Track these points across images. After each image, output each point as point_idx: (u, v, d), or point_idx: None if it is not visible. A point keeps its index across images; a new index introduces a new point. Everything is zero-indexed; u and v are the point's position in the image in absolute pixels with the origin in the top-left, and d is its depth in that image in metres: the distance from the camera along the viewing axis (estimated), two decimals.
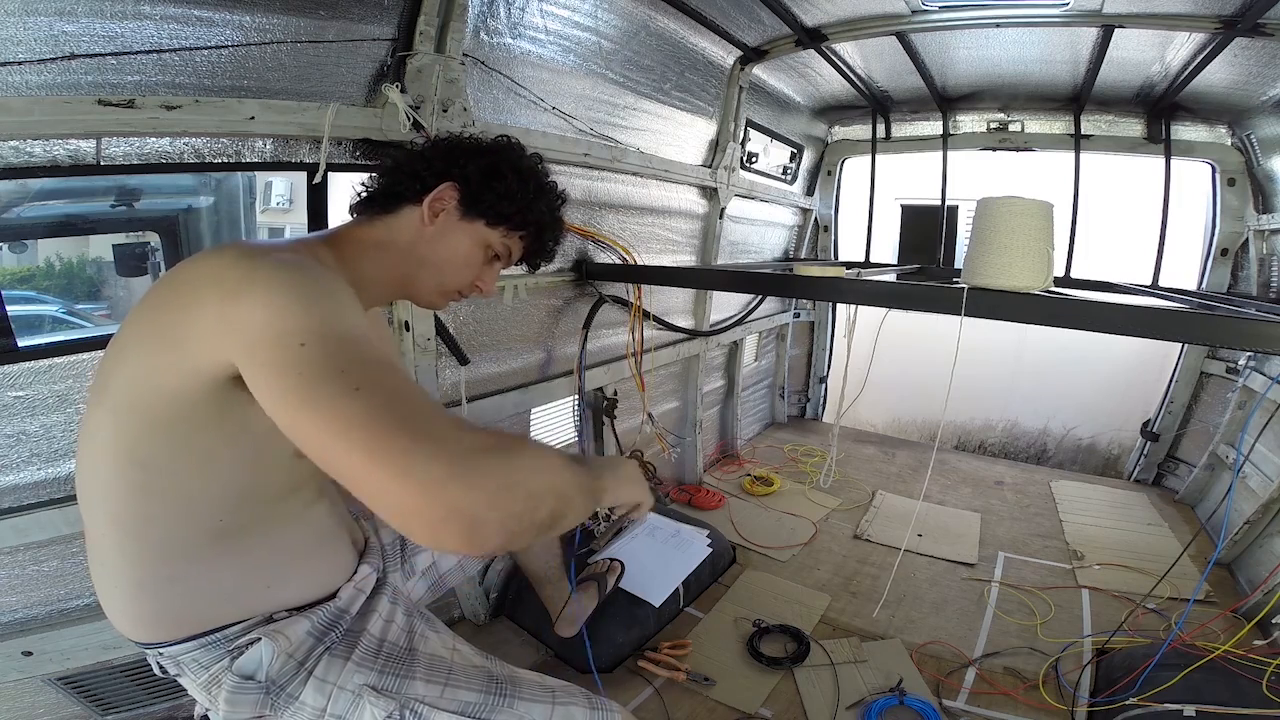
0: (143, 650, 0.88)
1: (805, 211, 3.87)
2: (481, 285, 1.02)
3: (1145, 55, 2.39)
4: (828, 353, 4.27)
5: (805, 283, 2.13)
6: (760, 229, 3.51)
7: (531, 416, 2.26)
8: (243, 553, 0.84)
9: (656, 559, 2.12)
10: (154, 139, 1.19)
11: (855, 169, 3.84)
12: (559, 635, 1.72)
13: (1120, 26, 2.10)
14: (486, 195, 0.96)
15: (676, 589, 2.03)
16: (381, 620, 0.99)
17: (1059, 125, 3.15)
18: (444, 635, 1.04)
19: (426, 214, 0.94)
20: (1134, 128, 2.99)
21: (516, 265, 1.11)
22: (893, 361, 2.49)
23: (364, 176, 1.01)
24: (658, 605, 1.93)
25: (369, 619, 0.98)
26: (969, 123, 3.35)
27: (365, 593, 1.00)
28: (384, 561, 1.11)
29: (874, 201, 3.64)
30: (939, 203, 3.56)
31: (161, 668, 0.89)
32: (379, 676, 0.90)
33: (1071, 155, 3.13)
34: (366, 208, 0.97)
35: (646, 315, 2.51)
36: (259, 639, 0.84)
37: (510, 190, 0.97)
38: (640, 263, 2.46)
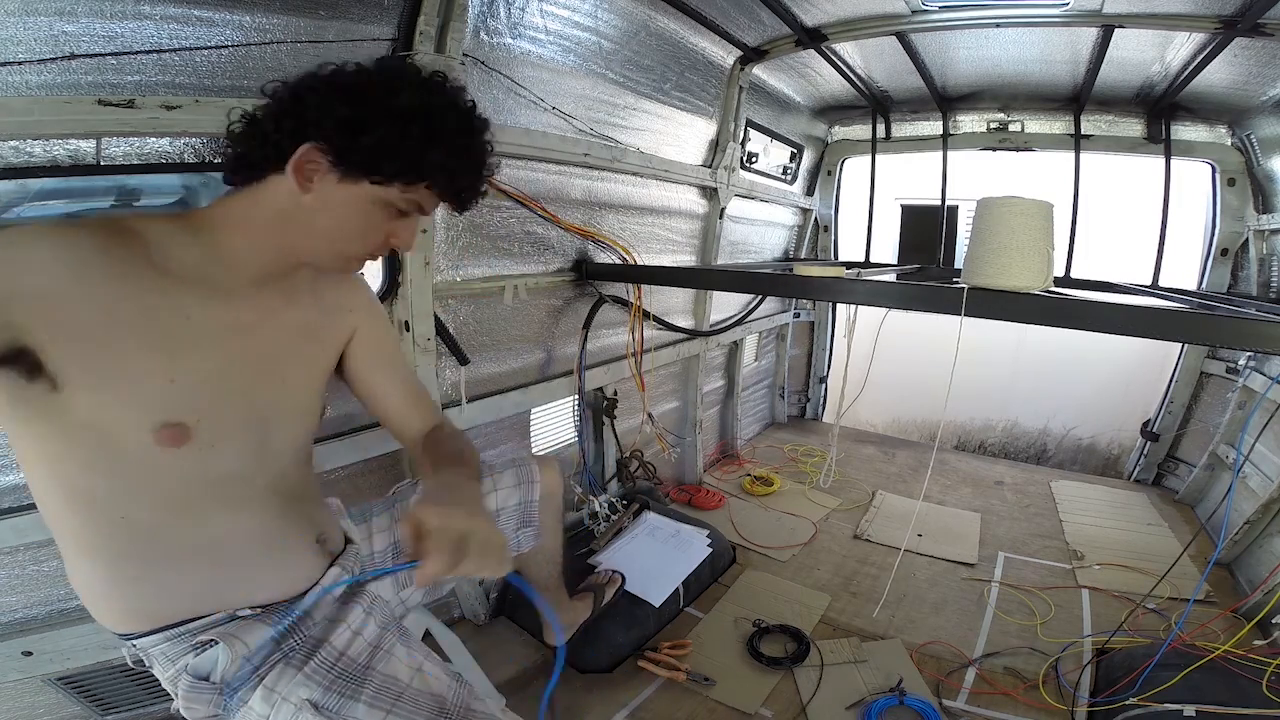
0: (120, 642, 0.89)
1: (805, 211, 3.87)
2: (396, 242, 0.86)
3: (1145, 55, 2.39)
4: (828, 353, 4.27)
5: (805, 283, 2.13)
6: (760, 229, 3.51)
7: (531, 416, 2.26)
8: (181, 551, 0.83)
9: (656, 559, 2.12)
10: (154, 139, 1.19)
11: (855, 169, 3.84)
12: (548, 643, 1.73)
13: (1120, 26, 2.10)
14: (357, 154, 0.76)
15: (676, 589, 2.03)
16: (349, 632, 0.96)
17: (1059, 125, 3.15)
18: (414, 655, 0.99)
19: (300, 181, 0.77)
20: (1134, 128, 2.99)
21: (444, 210, 1.00)
22: (893, 361, 2.49)
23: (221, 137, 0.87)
24: (658, 605, 1.93)
25: (335, 629, 0.95)
26: (969, 123, 3.35)
27: (335, 596, 0.98)
28: (363, 567, 1.09)
29: (874, 201, 3.64)
30: (939, 203, 3.56)
31: (134, 659, 0.90)
32: (324, 693, 0.87)
33: (1071, 155, 3.13)
34: (231, 175, 0.82)
35: (646, 315, 2.51)
36: (216, 641, 0.84)
37: (388, 141, 0.76)
38: (640, 263, 2.46)
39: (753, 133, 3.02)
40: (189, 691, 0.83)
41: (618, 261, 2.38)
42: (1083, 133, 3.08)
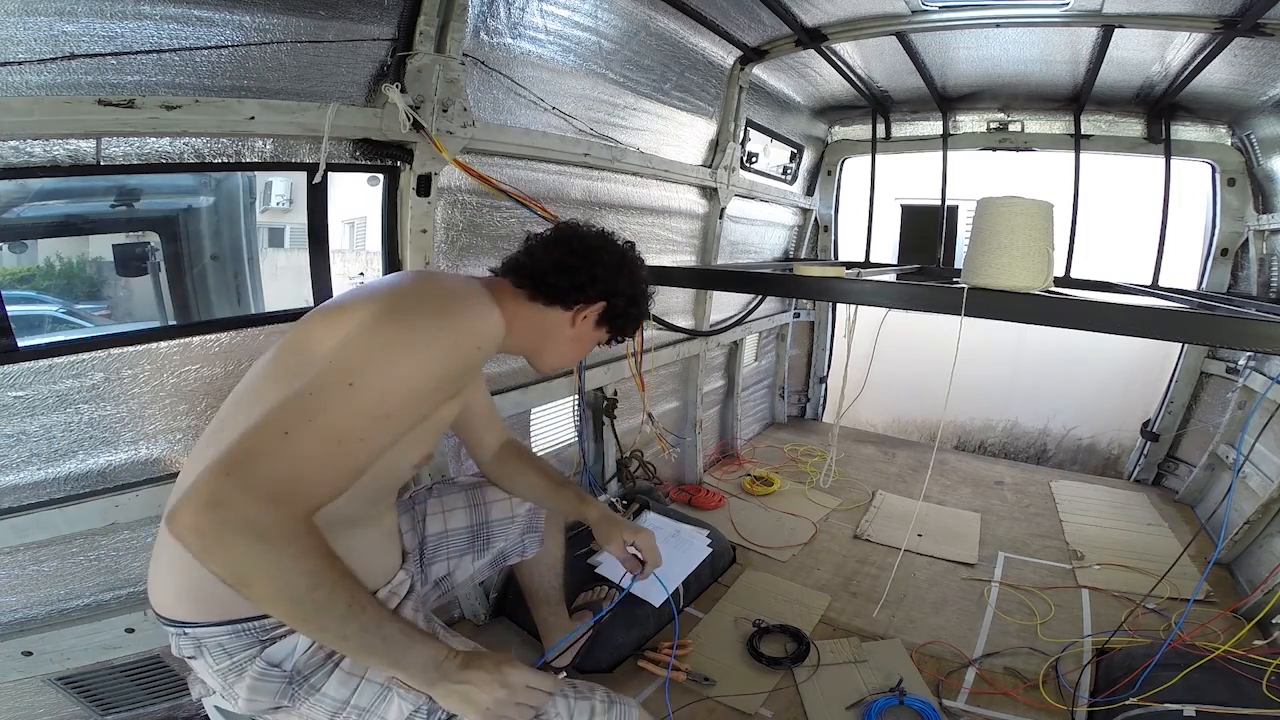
0: (168, 629, 0.90)
1: (805, 211, 3.87)
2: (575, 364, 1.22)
3: (1145, 55, 2.38)
4: (828, 353, 4.27)
5: (805, 283, 2.13)
6: (760, 229, 3.51)
7: (531, 416, 2.26)
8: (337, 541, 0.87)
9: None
10: (154, 139, 1.19)
11: (855, 169, 3.84)
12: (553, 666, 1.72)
13: (1120, 26, 2.09)
14: (622, 318, 1.16)
15: (676, 589, 2.02)
16: (408, 619, 1.00)
17: (1059, 125, 3.14)
18: (457, 640, 1.07)
19: (575, 319, 1.10)
20: (1134, 128, 2.99)
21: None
22: (893, 361, 2.49)
23: (531, 240, 1.14)
24: (657, 606, 1.93)
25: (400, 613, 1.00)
26: (969, 123, 3.35)
27: (400, 596, 1.03)
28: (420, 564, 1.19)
29: (874, 201, 3.64)
30: (939, 203, 3.56)
31: (179, 648, 0.90)
32: None
33: (1071, 155, 3.13)
34: (527, 285, 1.07)
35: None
36: (294, 630, 0.87)
37: (640, 313, 1.19)
38: None
39: (753, 133, 3.02)
40: (257, 680, 0.85)
41: None
42: (1083, 133, 3.08)
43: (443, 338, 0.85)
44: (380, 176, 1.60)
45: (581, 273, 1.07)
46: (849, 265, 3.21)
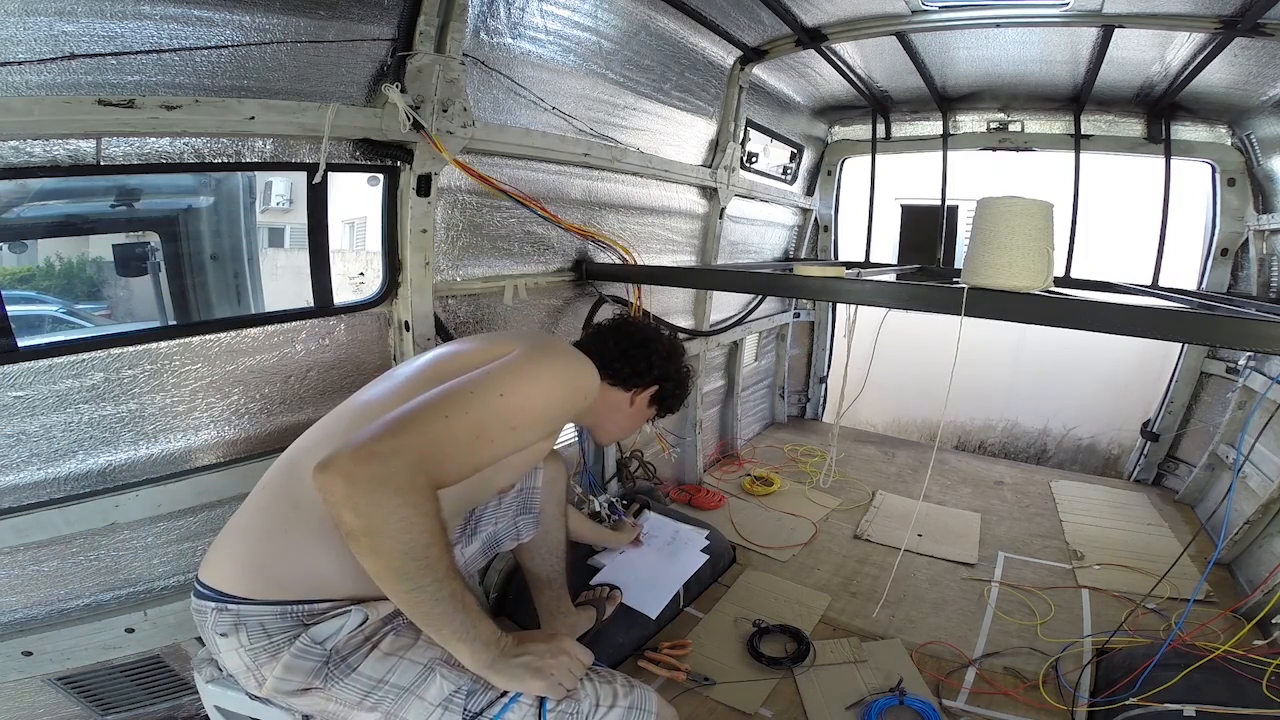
0: (206, 603, 0.91)
1: (805, 211, 3.87)
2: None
3: (1145, 55, 2.38)
4: (828, 353, 4.27)
5: (805, 283, 2.13)
6: (760, 229, 3.51)
7: None
8: None
9: (653, 567, 2.10)
10: (154, 139, 1.19)
11: (855, 169, 3.84)
12: None
13: (1120, 26, 2.09)
14: (670, 399, 1.38)
15: (676, 591, 2.02)
16: None
17: (1059, 125, 3.15)
18: None
19: (634, 399, 1.31)
20: (1134, 128, 2.99)
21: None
22: (893, 361, 2.49)
23: (591, 332, 1.36)
24: (654, 617, 1.92)
25: None
26: (969, 123, 3.35)
27: None
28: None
29: (874, 201, 3.64)
30: (939, 203, 3.56)
31: (215, 624, 0.91)
32: (443, 650, 0.92)
33: (1071, 155, 3.13)
34: (610, 370, 1.26)
35: (646, 315, 2.51)
36: (348, 610, 0.90)
37: (684, 394, 1.41)
38: (640, 263, 2.45)
39: (753, 133, 3.02)
40: (296, 657, 0.88)
41: (618, 261, 2.37)
42: (1083, 133, 3.08)
43: (571, 380, 1.10)
44: (380, 176, 1.60)
45: (640, 360, 1.29)
46: (849, 265, 3.21)
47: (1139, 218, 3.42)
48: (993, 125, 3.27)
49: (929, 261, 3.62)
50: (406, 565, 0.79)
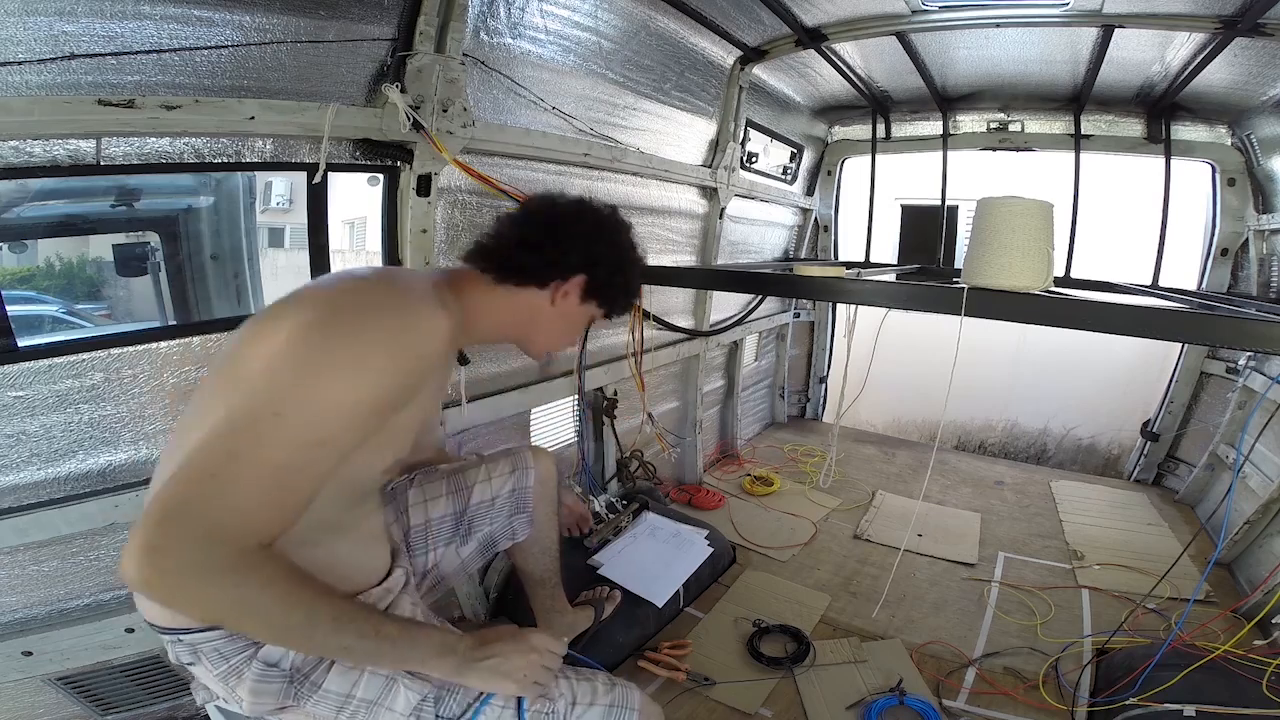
0: (163, 636, 0.89)
1: (805, 211, 3.87)
2: (574, 344, 1.16)
3: (1145, 55, 2.38)
4: (828, 353, 4.27)
5: (805, 283, 2.12)
6: (760, 229, 3.51)
7: (531, 416, 2.26)
8: (297, 550, 0.83)
9: (658, 560, 2.12)
10: (154, 139, 1.19)
11: (855, 169, 3.84)
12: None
13: (1120, 26, 2.09)
14: (610, 292, 1.06)
15: (677, 590, 2.03)
16: (406, 615, 1.01)
17: (1059, 125, 3.14)
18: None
19: (554, 297, 1.02)
20: (1134, 128, 2.99)
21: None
22: (893, 361, 2.48)
23: (498, 221, 1.06)
24: (660, 606, 1.93)
25: (396, 611, 0.99)
26: (969, 123, 3.35)
27: (395, 592, 1.02)
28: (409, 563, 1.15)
29: (874, 201, 3.64)
30: (939, 203, 3.56)
31: (177, 655, 0.90)
32: None
33: (1071, 155, 3.13)
34: (493, 269, 1.00)
35: (646, 315, 2.51)
36: None
37: (628, 282, 1.08)
38: None
39: (753, 133, 3.02)
40: (258, 682, 0.84)
41: None
42: (1083, 133, 3.08)
43: (375, 354, 0.77)
44: (380, 176, 1.60)
45: (549, 247, 0.99)
46: (849, 265, 3.21)
47: (1139, 218, 3.42)
48: (993, 125, 3.27)
49: (929, 261, 3.62)
50: (282, 636, 0.73)
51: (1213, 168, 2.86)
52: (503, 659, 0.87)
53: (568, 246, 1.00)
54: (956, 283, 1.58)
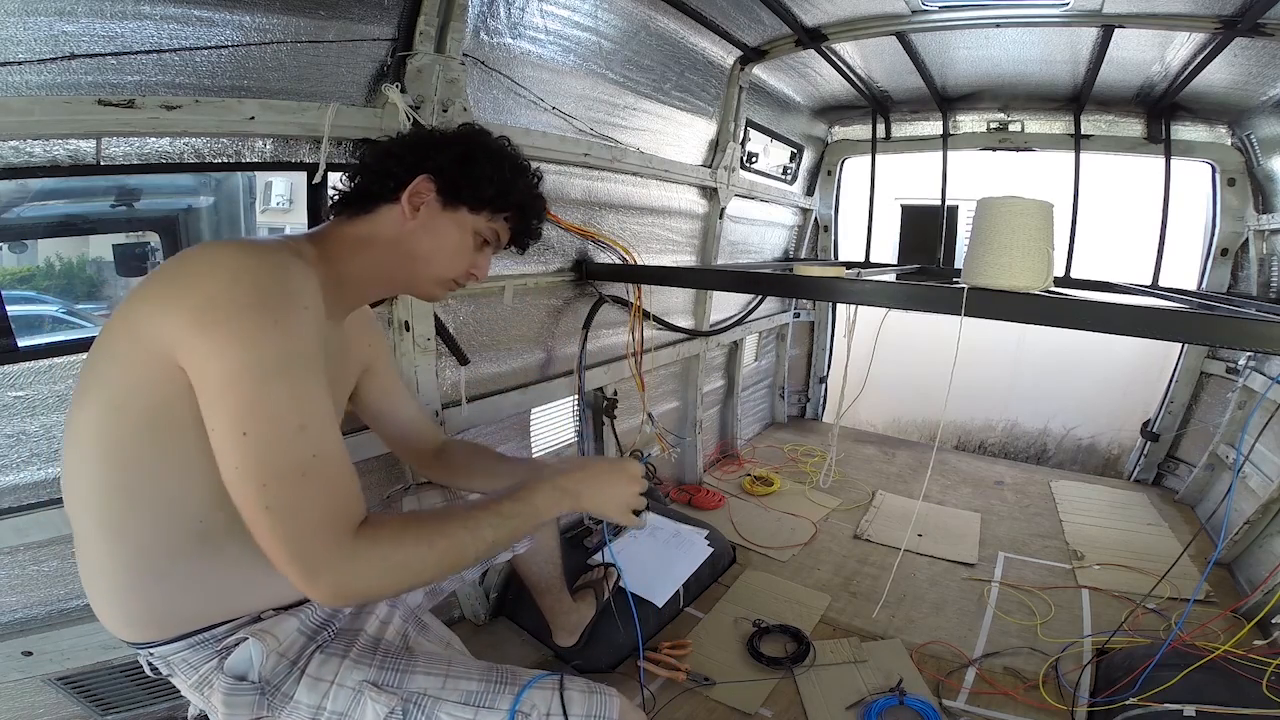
0: (135, 651, 0.89)
1: (805, 211, 3.87)
2: (476, 272, 1.01)
3: (1145, 55, 2.38)
4: (828, 353, 4.27)
5: (805, 283, 2.13)
6: (760, 229, 3.51)
7: (531, 417, 2.26)
8: (225, 553, 0.83)
9: (658, 560, 2.12)
10: (154, 139, 1.19)
11: (855, 169, 3.84)
12: (560, 645, 1.74)
13: (1120, 26, 2.09)
14: (463, 182, 0.94)
15: (677, 589, 2.02)
16: (378, 621, 0.99)
17: (1059, 125, 3.14)
18: (440, 633, 1.07)
19: (406, 209, 0.92)
20: (1134, 128, 2.99)
21: (506, 248, 1.08)
22: (893, 361, 2.49)
23: (340, 176, 1.00)
24: (660, 605, 1.93)
25: (365, 619, 0.98)
26: (969, 123, 3.35)
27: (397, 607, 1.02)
28: None
29: (874, 201, 3.64)
30: (939, 203, 3.56)
31: (154, 668, 0.89)
32: (378, 673, 0.90)
33: (1071, 155, 3.13)
34: (344, 208, 0.95)
35: (646, 315, 2.51)
36: (246, 639, 0.85)
37: (486, 174, 0.95)
38: (640, 263, 2.45)
39: (753, 133, 3.02)
40: (229, 695, 0.83)
41: (618, 261, 2.38)
42: (1083, 133, 3.08)
43: (285, 317, 0.72)
44: None
45: (386, 160, 0.94)
46: (849, 265, 3.21)
47: (1139, 218, 3.42)
48: (993, 125, 3.27)
49: (929, 261, 3.62)
50: (446, 564, 0.78)
51: (1213, 168, 2.86)
52: (603, 489, 1.01)
53: (401, 154, 0.94)
54: (956, 283, 1.58)
